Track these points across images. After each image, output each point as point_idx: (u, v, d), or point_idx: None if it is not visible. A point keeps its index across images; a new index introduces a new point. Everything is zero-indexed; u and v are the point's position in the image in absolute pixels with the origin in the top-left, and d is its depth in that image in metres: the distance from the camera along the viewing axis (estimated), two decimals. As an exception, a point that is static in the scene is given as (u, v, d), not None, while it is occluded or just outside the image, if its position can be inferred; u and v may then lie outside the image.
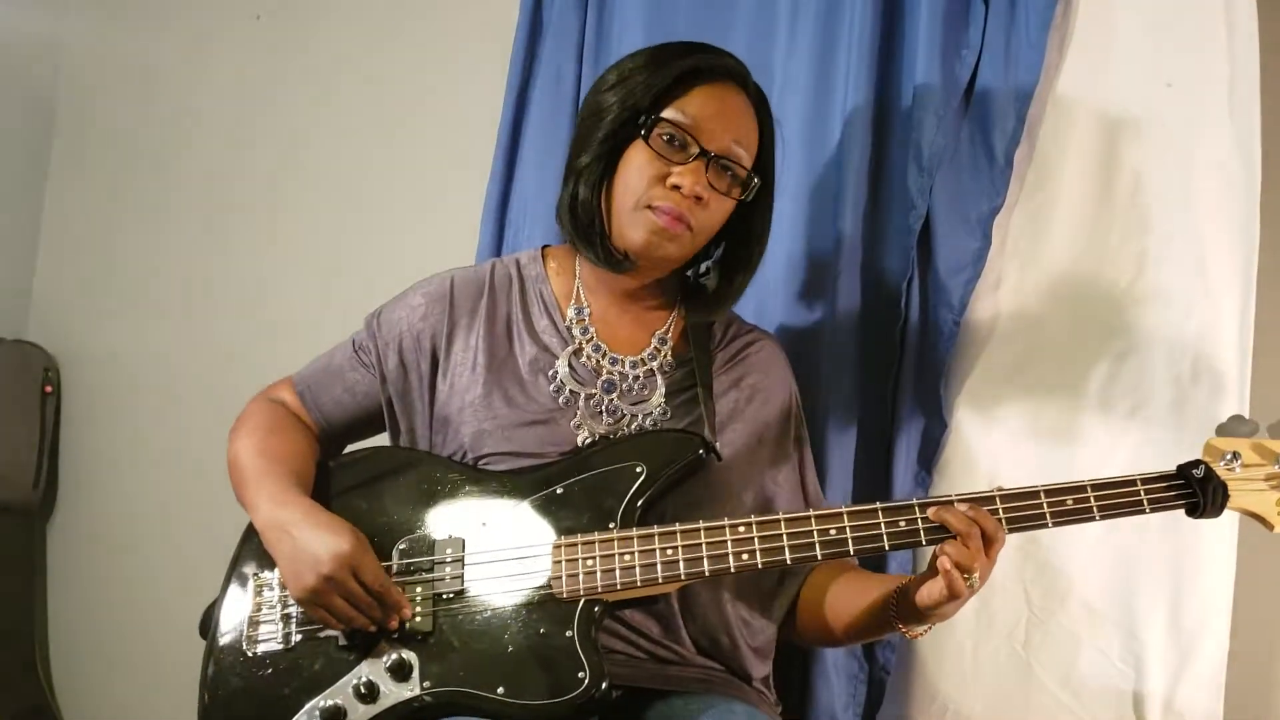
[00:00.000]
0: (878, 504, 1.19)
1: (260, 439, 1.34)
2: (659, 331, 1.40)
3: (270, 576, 1.26)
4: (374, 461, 1.36)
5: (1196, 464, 1.17)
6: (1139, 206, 1.54)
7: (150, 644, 2.39)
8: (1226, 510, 1.17)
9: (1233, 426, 1.19)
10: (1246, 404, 1.46)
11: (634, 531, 1.21)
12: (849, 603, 1.31)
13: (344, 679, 1.19)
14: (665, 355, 1.38)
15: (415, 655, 1.18)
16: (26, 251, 2.68)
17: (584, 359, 1.36)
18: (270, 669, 1.22)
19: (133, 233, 2.58)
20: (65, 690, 2.54)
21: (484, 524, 1.25)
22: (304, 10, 2.43)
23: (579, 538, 1.21)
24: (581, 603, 1.18)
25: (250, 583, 1.27)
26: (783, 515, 1.20)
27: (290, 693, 1.19)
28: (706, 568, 1.18)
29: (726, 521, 1.20)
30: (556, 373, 1.34)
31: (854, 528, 1.18)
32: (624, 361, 1.36)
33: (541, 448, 1.30)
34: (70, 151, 2.70)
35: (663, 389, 1.35)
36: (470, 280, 1.41)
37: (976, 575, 1.14)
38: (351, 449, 1.44)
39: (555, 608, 1.19)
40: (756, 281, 1.42)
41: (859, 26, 1.63)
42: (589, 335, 1.37)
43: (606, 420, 1.33)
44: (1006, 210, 1.59)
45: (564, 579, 1.19)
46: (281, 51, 2.44)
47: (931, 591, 1.16)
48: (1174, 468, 1.19)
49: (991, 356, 1.61)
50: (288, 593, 1.22)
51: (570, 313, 1.38)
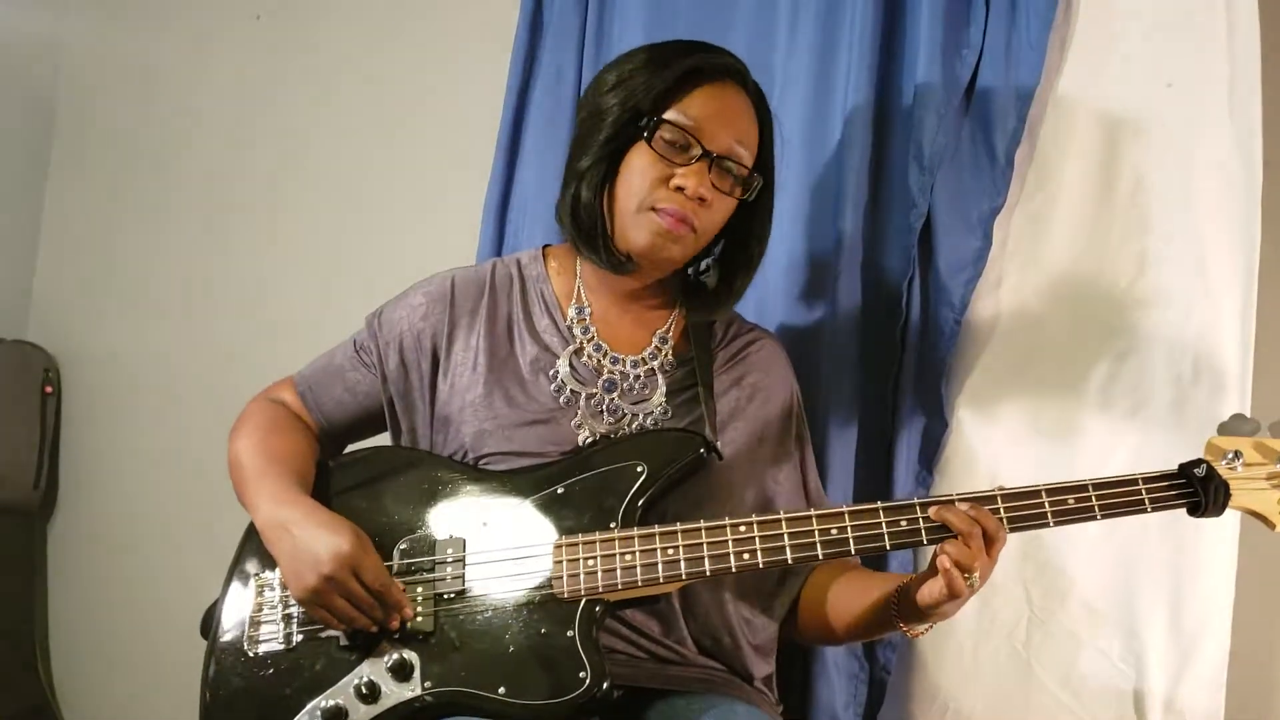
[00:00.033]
0: (879, 503, 1.19)
1: (261, 439, 1.34)
2: (660, 330, 1.39)
3: (271, 576, 1.26)
4: (374, 461, 1.36)
5: (1198, 463, 1.17)
6: (1139, 206, 1.54)
7: (150, 644, 2.39)
8: (1228, 509, 1.17)
9: (1234, 425, 1.19)
10: (1248, 403, 1.46)
11: (635, 531, 1.21)
12: (850, 601, 1.31)
13: (345, 679, 1.19)
14: (666, 354, 1.38)
15: (416, 655, 1.18)
16: (26, 251, 2.68)
17: (585, 358, 1.36)
18: (271, 669, 1.22)
19: (133, 233, 2.58)
20: (65, 690, 2.54)
21: (485, 524, 1.25)
22: (304, 10, 2.43)
23: (580, 537, 1.21)
24: (583, 602, 1.18)
25: (251, 582, 1.27)
26: (784, 515, 1.19)
27: (291, 693, 1.19)
28: (708, 567, 1.18)
29: (728, 521, 1.20)
30: (557, 372, 1.34)
31: (855, 527, 1.18)
32: (625, 361, 1.36)
33: (542, 447, 1.30)
34: (70, 152, 2.70)
35: (664, 388, 1.35)
36: (471, 280, 1.41)
37: (977, 575, 1.14)
38: (352, 449, 1.44)
39: (556, 607, 1.18)
40: (756, 281, 1.42)
41: (859, 26, 1.63)
42: (590, 335, 1.37)
43: (607, 420, 1.33)
44: (1007, 210, 1.59)
45: (565, 579, 1.19)
46: (281, 51, 2.44)
47: (932, 590, 1.16)
48: (1175, 467, 1.19)
49: (992, 356, 1.61)
50: (289, 592, 1.22)
51: (571, 312, 1.38)
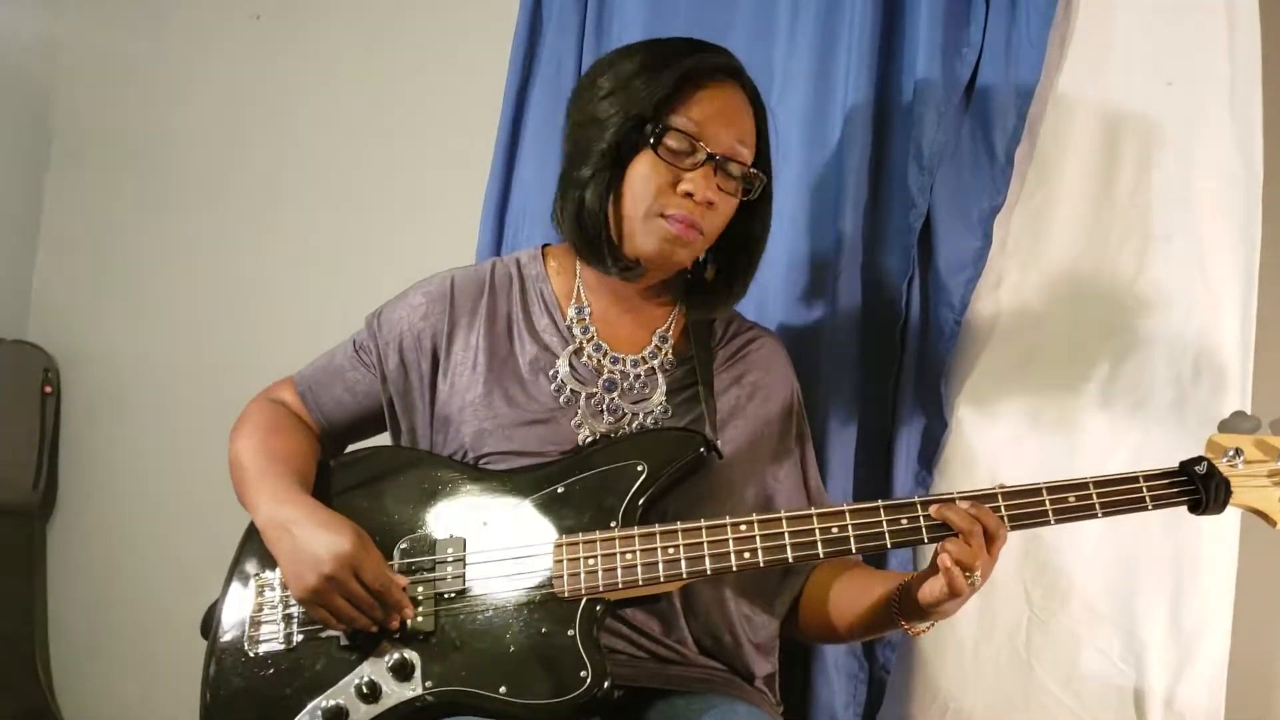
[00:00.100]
0: (879, 502, 1.19)
1: (261, 438, 1.34)
2: (660, 330, 1.39)
3: (271, 576, 1.26)
4: (375, 461, 1.35)
5: (1199, 460, 1.17)
6: (1139, 206, 1.55)
7: (150, 644, 2.39)
8: (1229, 507, 1.17)
9: (1235, 423, 1.18)
10: (1249, 400, 1.46)
11: (635, 530, 1.20)
12: (852, 600, 1.31)
13: (346, 679, 1.18)
14: (666, 353, 1.38)
15: (417, 655, 1.18)
16: (26, 251, 2.68)
17: (585, 358, 1.35)
18: (272, 669, 1.22)
19: (132, 233, 2.57)
20: (65, 690, 2.53)
21: (485, 523, 1.25)
22: (303, 10, 2.43)
23: (580, 536, 1.21)
24: (583, 602, 1.18)
25: (252, 582, 1.27)
26: (784, 514, 1.19)
27: (292, 693, 1.19)
28: (708, 566, 1.18)
29: (728, 520, 1.19)
30: (557, 372, 1.34)
31: (856, 526, 1.18)
32: (625, 360, 1.36)
33: (542, 447, 1.30)
34: (69, 152, 2.70)
35: (664, 387, 1.35)
36: (470, 279, 1.41)
37: (978, 573, 1.14)
38: (352, 449, 1.43)
39: (557, 607, 1.18)
40: (756, 281, 1.42)
41: (859, 25, 1.63)
42: (589, 334, 1.37)
43: (607, 419, 1.32)
44: (1007, 209, 1.60)
45: (565, 578, 1.19)
46: (281, 51, 2.44)
47: (933, 589, 1.16)
48: (1176, 464, 1.19)
49: (992, 355, 1.61)
50: (289, 592, 1.22)
51: (571, 312, 1.38)
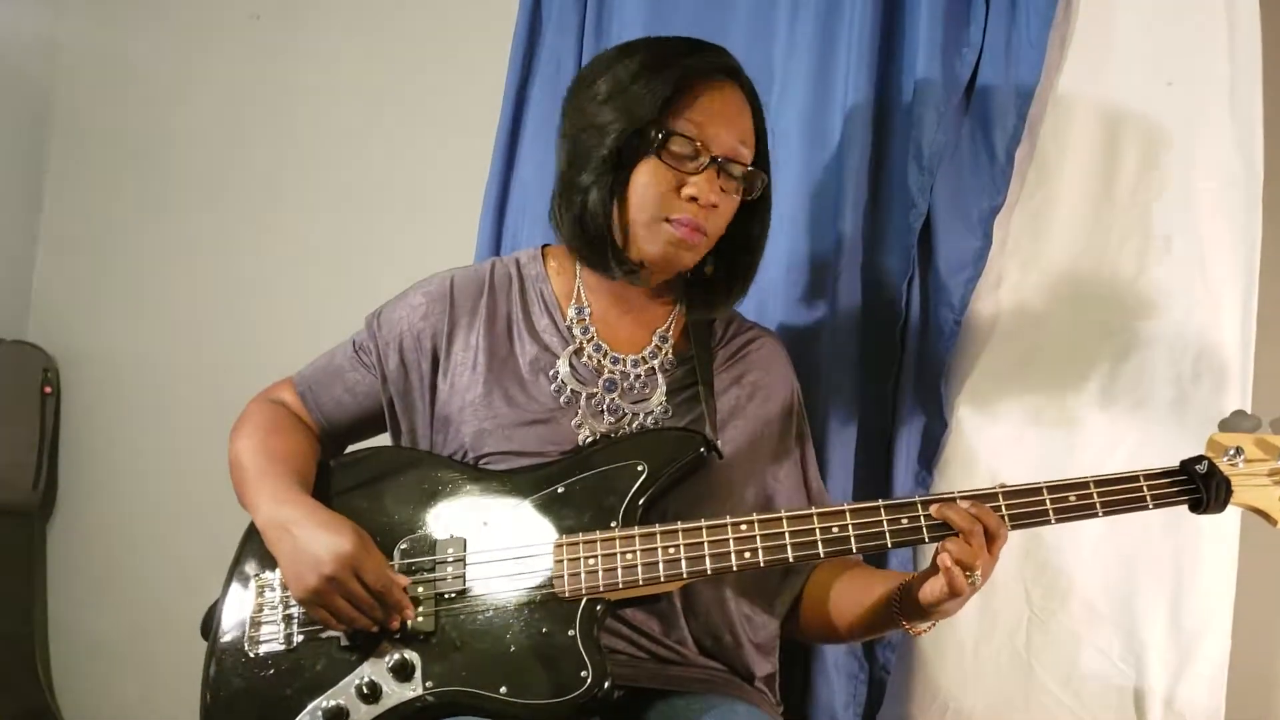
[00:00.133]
0: (880, 501, 1.19)
1: (261, 439, 1.34)
2: (660, 330, 1.39)
3: (272, 577, 1.26)
4: (375, 461, 1.35)
5: (1199, 459, 1.17)
6: (1139, 205, 1.55)
7: (150, 644, 2.39)
8: (1230, 506, 1.17)
9: (1235, 422, 1.18)
10: (1249, 400, 1.46)
11: (635, 530, 1.20)
12: (852, 599, 1.31)
13: (346, 679, 1.18)
14: (666, 353, 1.38)
15: (417, 655, 1.18)
16: (26, 252, 2.68)
17: (585, 359, 1.35)
18: (272, 669, 1.22)
19: (132, 233, 2.57)
20: (65, 690, 2.53)
21: (485, 523, 1.25)
22: (302, 10, 2.43)
23: (580, 536, 1.21)
24: (584, 601, 1.18)
25: (252, 583, 1.27)
26: (785, 513, 1.19)
27: (292, 693, 1.19)
28: (709, 566, 1.18)
29: (729, 520, 1.19)
30: (557, 372, 1.34)
31: (856, 525, 1.18)
32: (625, 360, 1.36)
33: (542, 447, 1.30)
34: (69, 152, 2.69)
35: (664, 387, 1.35)
36: (470, 279, 1.41)
37: (979, 572, 1.14)
38: (352, 449, 1.43)
39: (557, 607, 1.18)
40: (756, 281, 1.42)
41: (859, 24, 1.63)
42: (590, 335, 1.37)
43: (608, 419, 1.32)
44: (1007, 209, 1.59)
45: (566, 578, 1.19)
46: (280, 51, 2.43)
47: (934, 588, 1.16)
48: (1177, 463, 1.19)
49: (992, 356, 1.61)
50: (289, 593, 1.22)
51: (571, 312, 1.38)
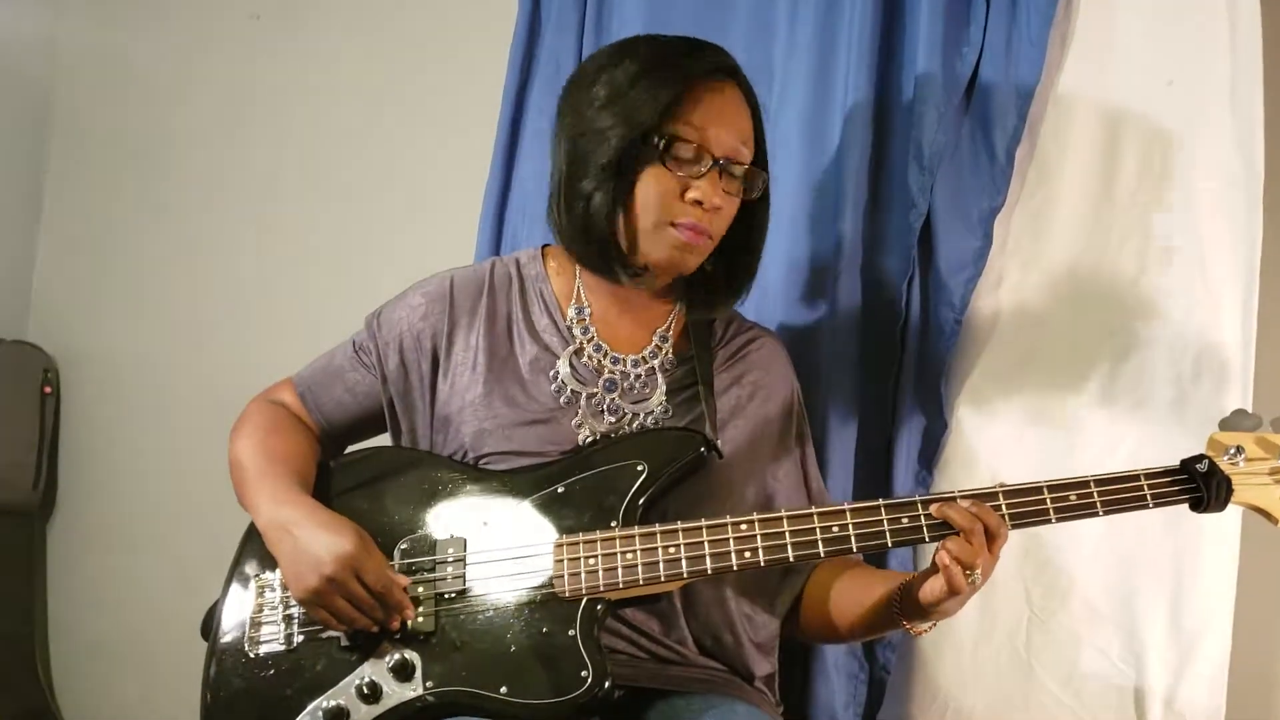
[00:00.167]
0: (880, 500, 1.19)
1: (261, 439, 1.34)
2: (660, 329, 1.39)
3: (272, 577, 1.26)
4: (375, 461, 1.35)
5: (1200, 458, 1.17)
6: (1139, 205, 1.54)
7: (150, 644, 2.39)
8: (1230, 504, 1.17)
9: (1236, 421, 1.18)
10: (1249, 400, 1.46)
11: (636, 530, 1.20)
12: (853, 599, 1.31)
13: (346, 679, 1.18)
14: (666, 353, 1.38)
15: (418, 655, 1.18)
16: (25, 252, 2.68)
17: (585, 359, 1.35)
18: (272, 670, 1.22)
19: (131, 233, 2.57)
20: (65, 690, 2.53)
21: (485, 523, 1.24)
22: (301, 9, 2.43)
23: (580, 536, 1.21)
24: (584, 601, 1.18)
25: (252, 583, 1.27)
26: (785, 513, 1.19)
27: (293, 693, 1.19)
28: (709, 566, 1.18)
29: (729, 519, 1.19)
30: (558, 373, 1.34)
31: (857, 525, 1.18)
32: (625, 360, 1.36)
33: (542, 447, 1.30)
34: (68, 151, 2.69)
35: (664, 387, 1.34)
36: (470, 279, 1.41)
37: (979, 571, 1.13)
38: (352, 449, 1.43)
39: (558, 607, 1.18)
40: (756, 281, 1.42)
41: (859, 24, 1.63)
42: (590, 335, 1.37)
43: (608, 419, 1.32)
44: (1007, 209, 1.59)
45: (566, 578, 1.19)
46: (279, 51, 2.43)
47: (934, 588, 1.16)
48: (1177, 462, 1.18)
49: (992, 356, 1.61)
50: (289, 593, 1.22)
51: (571, 312, 1.38)
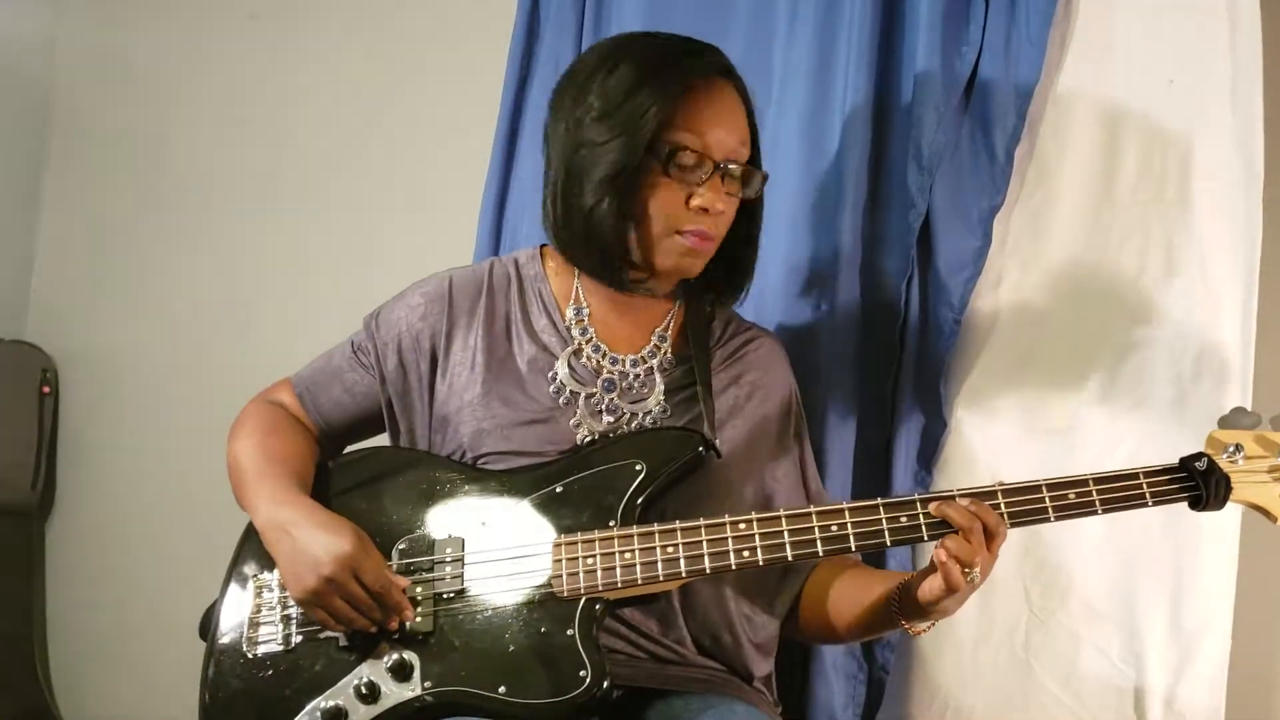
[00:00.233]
0: (879, 499, 1.19)
1: (259, 440, 1.34)
2: (658, 329, 1.39)
3: (270, 577, 1.26)
4: (373, 462, 1.35)
5: (1199, 456, 1.17)
6: (1139, 205, 1.54)
7: (150, 644, 2.39)
8: (1229, 503, 1.17)
9: (1235, 419, 1.18)
10: (1249, 398, 1.46)
11: (634, 529, 1.20)
12: (852, 599, 1.31)
13: (345, 680, 1.18)
14: (665, 353, 1.37)
15: (416, 655, 1.18)
16: (24, 251, 2.68)
17: (584, 359, 1.35)
18: (271, 670, 1.22)
19: (131, 233, 2.57)
20: (65, 690, 2.53)
21: (484, 523, 1.24)
22: (301, 9, 2.43)
23: (579, 536, 1.21)
24: (582, 601, 1.18)
25: (250, 584, 1.27)
26: (784, 512, 1.19)
27: (291, 694, 1.19)
28: (707, 565, 1.18)
29: (727, 519, 1.19)
30: (556, 373, 1.34)
31: (855, 524, 1.17)
32: (623, 360, 1.36)
33: (541, 447, 1.30)
34: (67, 151, 2.69)
35: (662, 387, 1.34)
36: (469, 280, 1.41)
37: (978, 570, 1.13)
38: (351, 449, 1.43)
39: (556, 606, 1.18)
40: (756, 281, 1.42)
41: (858, 23, 1.62)
42: (588, 335, 1.36)
43: (606, 419, 1.32)
44: (1007, 208, 1.59)
45: (564, 577, 1.19)
46: (277, 50, 2.44)
47: (932, 587, 1.16)
48: (1176, 461, 1.18)
49: (992, 355, 1.61)
50: (288, 594, 1.22)
51: (569, 313, 1.38)
